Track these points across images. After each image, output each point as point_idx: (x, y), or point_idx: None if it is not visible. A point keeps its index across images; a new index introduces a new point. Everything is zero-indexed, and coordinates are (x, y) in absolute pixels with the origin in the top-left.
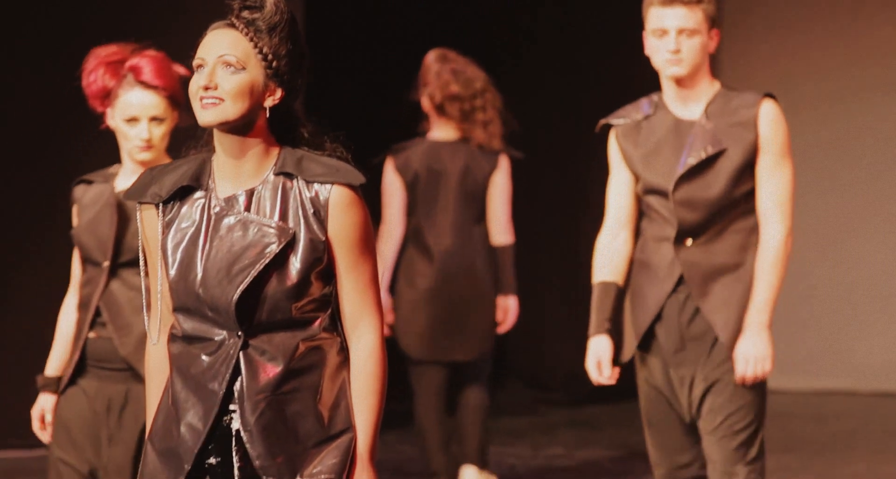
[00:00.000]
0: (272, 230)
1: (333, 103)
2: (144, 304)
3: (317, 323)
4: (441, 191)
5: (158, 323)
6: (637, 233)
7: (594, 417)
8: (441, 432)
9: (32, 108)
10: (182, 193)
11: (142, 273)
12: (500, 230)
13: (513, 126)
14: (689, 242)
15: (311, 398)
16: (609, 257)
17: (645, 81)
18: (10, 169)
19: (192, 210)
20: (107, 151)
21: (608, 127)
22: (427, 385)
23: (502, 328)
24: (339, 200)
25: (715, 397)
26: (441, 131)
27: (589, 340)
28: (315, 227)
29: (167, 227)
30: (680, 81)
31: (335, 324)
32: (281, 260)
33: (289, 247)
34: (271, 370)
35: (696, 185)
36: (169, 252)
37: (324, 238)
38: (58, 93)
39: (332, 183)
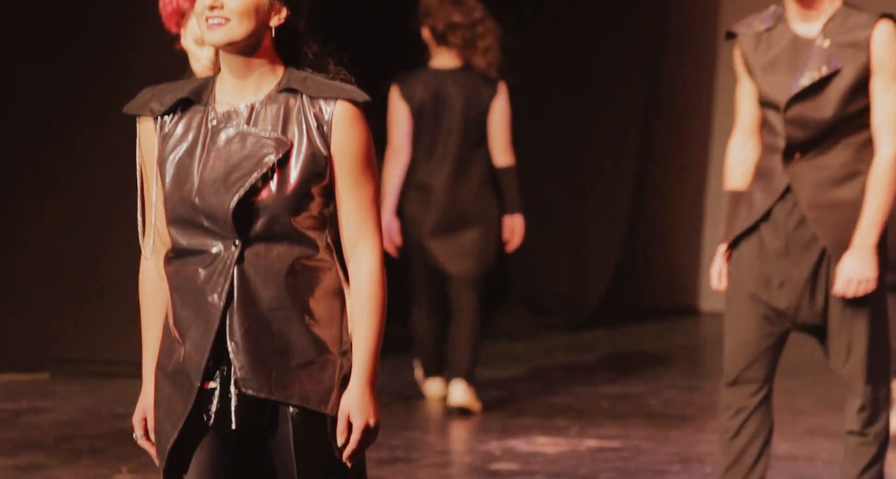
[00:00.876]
0: (271, 142)
1: (335, 36)
2: (140, 218)
3: (315, 242)
4: (446, 117)
5: (152, 236)
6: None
7: (594, 341)
8: (434, 336)
9: (44, 39)
10: (182, 109)
11: (138, 187)
12: (502, 152)
13: (512, 49)
14: (798, 156)
15: (302, 318)
16: (738, 165)
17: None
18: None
19: (190, 124)
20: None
21: (734, 36)
22: (422, 289)
23: (510, 247)
24: (343, 115)
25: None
26: (443, 60)
27: (718, 246)
28: (318, 142)
29: (164, 140)
30: None
31: (334, 248)
32: (280, 171)
33: (288, 158)
34: (265, 285)
35: (807, 105)
36: (166, 164)
37: (326, 154)
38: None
39: (337, 99)
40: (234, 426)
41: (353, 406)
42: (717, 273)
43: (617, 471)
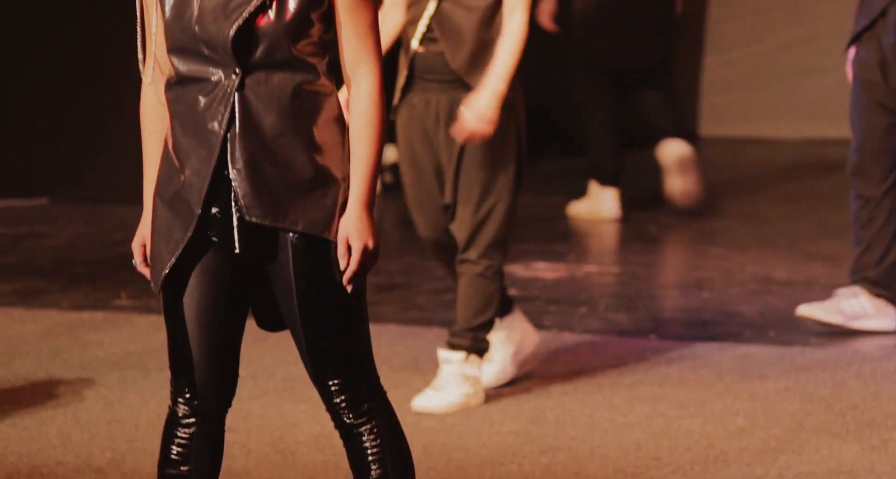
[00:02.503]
0: None
1: None
2: (139, 46)
3: (316, 68)
4: None
5: (153, 64)
6: None
7: None
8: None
9: None
10: None
11: (138, 15)
12: None
13: None
14: None
15: (305, 144)
16: None
17: None
18: None
19: None
20: None
21: None
22: None
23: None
24: None
25: None
26: None
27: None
28: None
29: None
30: None
31: (334, 74)
32: None
33: None
34: (266, 111)
35: None
36: None
37: None
38: None
39: None
40: (237, 251)
41: (352, 229)
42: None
43: (615, 296)
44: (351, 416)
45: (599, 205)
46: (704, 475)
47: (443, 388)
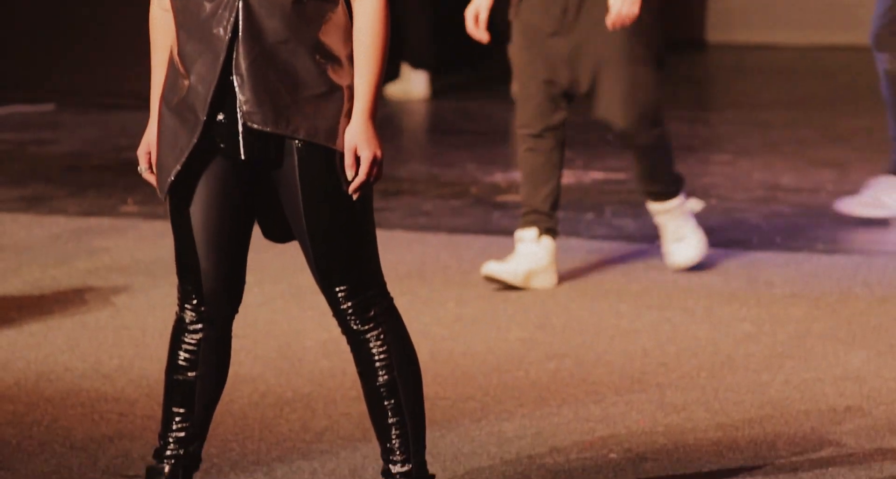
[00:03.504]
0: None
1: None
2: None
3: None
4: None
5: None
6: None
7: None
8: None
9: None
10: None
11: None
12: None
13: None
14: None
15: (310, 51)
16: None
17: None
18: None
19: None
20: None
21: None
22: None
23: None
24: None
25: None
26: None
27: None
28: None
29: None
30: None
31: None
32: None
33: None
34: (270, 16)
35: None
36: None
37: None
38: None
39: None
40: (242, 158)
41: (359, 139)
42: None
43: (622, 203)
44: (358, 322)
45: (410, 86)
46: (710, 380)
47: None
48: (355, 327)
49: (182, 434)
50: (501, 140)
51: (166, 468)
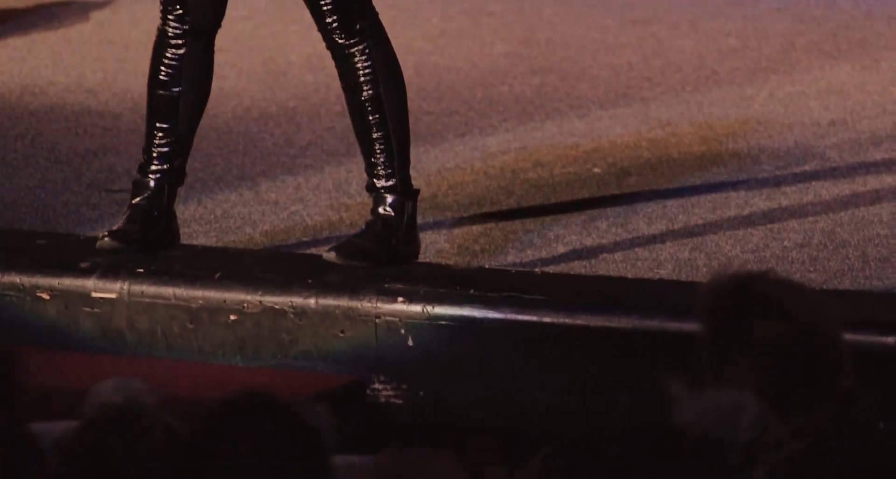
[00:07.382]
0: None
1: None
2: None
3: None
4: None
5: None
6: None
7: None
8: None
9: None
10: None
11: None
12: None
13: None
14: None
15: None
16: None
17: None
18: None
19: None
20: None
21: None
22: None
23: None
24: None
25: None
26: None
27: None
28: None
29: None
30: None
31: None
32: None
33: None
34: None
35: None
36: None
37: None
38: None
39: None
40: None
41: None
42: None
43: None
44: (343, 36)
45: None
46: (695, 95)
47: None
48: (340, 42)
49: (166, 149)
50: None
51: (151, 183)
